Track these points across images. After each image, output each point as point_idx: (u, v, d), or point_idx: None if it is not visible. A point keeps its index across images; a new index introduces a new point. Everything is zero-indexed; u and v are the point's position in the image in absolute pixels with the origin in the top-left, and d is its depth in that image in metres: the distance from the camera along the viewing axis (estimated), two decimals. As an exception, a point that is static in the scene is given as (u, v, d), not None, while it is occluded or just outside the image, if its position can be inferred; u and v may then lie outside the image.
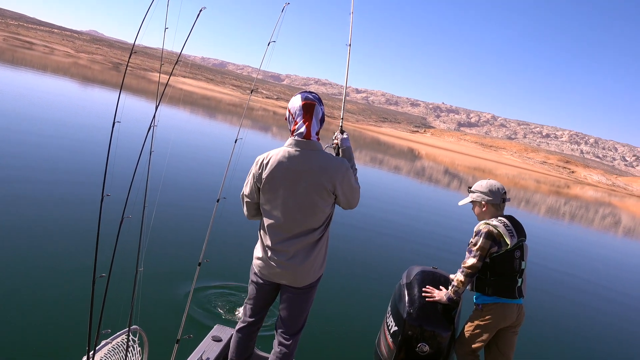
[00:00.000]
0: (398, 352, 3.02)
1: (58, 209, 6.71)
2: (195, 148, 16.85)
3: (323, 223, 2.72)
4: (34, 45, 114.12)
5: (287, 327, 2.87)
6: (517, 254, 3.22)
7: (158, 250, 5.85)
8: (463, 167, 60.18)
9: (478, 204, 3.39)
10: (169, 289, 5.03)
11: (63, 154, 10.40)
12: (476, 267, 3.13)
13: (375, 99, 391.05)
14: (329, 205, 2.71)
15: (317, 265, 2.77)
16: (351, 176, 2.70)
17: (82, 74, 49.74)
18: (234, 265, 6.05)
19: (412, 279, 3.27)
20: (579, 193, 65.21)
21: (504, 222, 3.21)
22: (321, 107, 2.72)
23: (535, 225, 19.95)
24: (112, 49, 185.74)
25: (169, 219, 7.32)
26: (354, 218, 11.30)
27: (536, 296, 8.09)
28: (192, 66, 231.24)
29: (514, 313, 3.23)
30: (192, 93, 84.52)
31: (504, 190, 3.38)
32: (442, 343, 2.99)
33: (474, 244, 3.17)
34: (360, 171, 3.00)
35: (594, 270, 12.98)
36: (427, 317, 3.04)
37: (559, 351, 6.43)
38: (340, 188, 2.66)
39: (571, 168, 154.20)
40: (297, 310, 2.85)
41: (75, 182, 8.32)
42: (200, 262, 2.99)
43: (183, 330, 2.99)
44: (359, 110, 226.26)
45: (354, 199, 2.77)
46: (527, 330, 6.55)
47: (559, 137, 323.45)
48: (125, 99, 2.62)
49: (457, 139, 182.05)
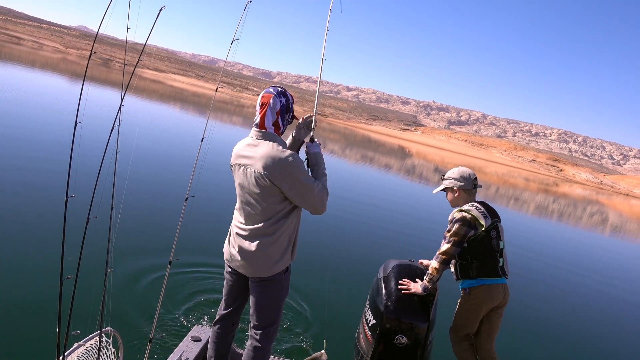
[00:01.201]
0: (376, 344, 3.06)
1: (21, 210, 6.46)
2: (165, 146, 16.46)
3: (271, 218, 2.66)
4: (22, 41, 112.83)
5: (254, 320, 2.85)
6: (493, 234, 3.34)
7: (127, 250, 5.76)
8: (453, 165, 59.99)
9: (451, 190, 3.54)
10: (141, 289, 4.98)
11: (27, 153, 9.93)
12: (450, 253, 3.23)
13: (366, 97, 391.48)
14: (276, 200, 2.63)
15: (270, 261, 2.70)
16: (299, 172, 2.58)
17: (71, 70, 49.21)
18: (207, 263, 6.01)
19: (388, 273, 3.32)
20: (567, 191, 65.78)
21: (476, 206, 3.36)
22: (281, 99, 2.72)
23: (522, 222, 20.09)
24: (101, 45, 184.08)
25: (137, 219, 7.19)
26: (334, 215, 11.30)
27: (524, 285, 8.16)
28: (175, 60, 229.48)
29: (500, 292, 3.37)
30: (183, 90, 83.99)
31: (474, 176, 3.54)
32: (419, 334, 3.03)
33: (448, 230, 3.30)
34: (349, 168, 2.97)
35: (578, 263, 13.10)
36: (404, 309, 3.09)
37: (542, 334, 6.69)
38: (284, 182, 2.57)
39: (560, 166, 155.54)
40: (259, 304, 2.80)
41: (39, 182, 7.95)
42: (170, 260, 2.97)
43: (160, 331, 2.97)
44: (349, 108, 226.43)
45: (311, 199, 2.64)
46: (512, 311, 6.64)
47: (547, 135, 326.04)
48: (102, 95, 2.56)
49: (447, 137, 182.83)
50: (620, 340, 7.55)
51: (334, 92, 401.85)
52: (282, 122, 2.74)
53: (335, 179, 18.93)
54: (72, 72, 48.36)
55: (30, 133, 12.02)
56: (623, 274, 14.00)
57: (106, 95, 28.47)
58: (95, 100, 23.16)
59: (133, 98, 31.07)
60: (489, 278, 3.31)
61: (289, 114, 2.78)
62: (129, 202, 7.77)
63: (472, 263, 3.31)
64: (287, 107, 2.76)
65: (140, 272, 5.33)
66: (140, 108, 27.13)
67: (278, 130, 2.73)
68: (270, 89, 2.77)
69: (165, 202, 8.86)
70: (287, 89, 3.04)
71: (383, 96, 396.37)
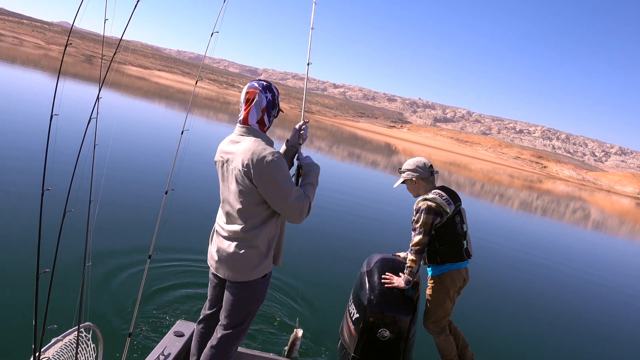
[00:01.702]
0: (360, 338, 3.08)
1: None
2: (145, 139, 16.22)
3: (249, 219, 2.54)
4: (2, 37, 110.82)
5: (222, 319, 2.76)
6: (457, 219, 3.47)
7: (106, 244, 5.68)
8: (439, 162, 60.79)
9: (409, 181, 3.60)
10: (120, 283, 4.90)
11: (2, 145, 9.74)
12: (422, 243, 3.30)
13: (353, 94, 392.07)
14: (254, 200, 2.51)
15: (247, 266, 2.59)
16: (277, 172, 2.43)
17: (53, 67, 48.45)
18: (189, 258, 5.95)
19: (372, 267, 3.35)
20: (551, 188, 66.62)
21: (439, 193, 3.43)
22: (266, 94, 2.60)
23: (504, 218, 20.30)
24: (84, 41, 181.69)
25: (116, 212, 7.06)
26: (319, 207, 11.30)
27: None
28: (160, 57, 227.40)
29: (464, 275, 3.52)
30: (169, 87, 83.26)
31: (429, 163, 3.62)
32: (402, 327, 3.06)
33: (416, 221, 3.37)
34: (336, 164, 2.97)
35: (558, 253, 13.30)
36: (388, 303, 3.11)
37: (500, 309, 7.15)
38: (260, 180, 2.43)
39: (543, 163, 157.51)
40: (230, 305, 2.70)
41: (15, 175, 7.79)
42: (150, 254, 2.93)
43: (142, 326, 2.93)
44: (336, 105, 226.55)
45: (284, 204, 2.48)
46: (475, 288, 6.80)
47: (531, 132, 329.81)
48: (81, 90, 2.51)
49: (433, 134, 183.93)
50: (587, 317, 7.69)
51: (320, 89, 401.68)
52: (267, 118, 2.63)
53: (322, 175, 18.92)
54: (54, 68, 47.62)
55: (6, 125, 11.83)
56: (606, 266, 14.24)
57: (85, 90, 28.10)
58: (73, 94, 22.87)
59: (115, 94, 30.74)
60: (455, 263, 3.45)
61: (275, 109, 2.68)
62: (107, 195, 7.72)
63: (439, 249, 3.41)
64: (274, 103, 2.65)
65: (119, 267, 5.26)
66: (122, 103, 26.84)
67: (263, 127, 2.62)
68: (255, 84, 2.64)
69: (144, 196, 8.74)
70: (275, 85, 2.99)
71: (370, 93, 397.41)
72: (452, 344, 3.60)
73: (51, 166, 1.94)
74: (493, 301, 7.70)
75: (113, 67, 2.31)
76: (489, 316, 6.93)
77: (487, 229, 15.43)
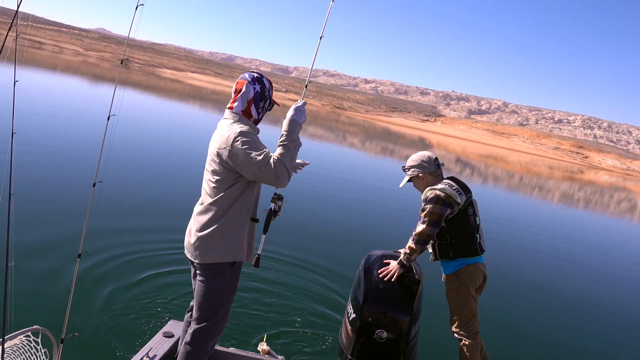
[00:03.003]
0: (357, 339, 2.90)
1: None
2: (66, 128, 14.33)
3: (217, 198, 2.57)
4: (43, 45, 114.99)
5: (194, 312, 2.73)
6: (470, 211, 3.27)
7: (30, 243, 5.27)
8: (475, 155, 59.59)
9: (416, 178, 3.42)
10: (49, 284, 4.56)
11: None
12: (426, 233, 3.09)
13: (385, 89, 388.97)
14: (224, 178, 2.53)
15: (207, 245, 2.57)
16: (244, 141, 2.44)
17: (91, 72, 49.96)
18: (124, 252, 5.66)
19: (370, 264, 3.16)
20: (593, 178, 64.36)
21: (449, 183, 3.24)
22: (255, 86, 2.65)
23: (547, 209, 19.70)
24: (120, 46, 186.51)
25: (38, 209, 6.52)
26: (328, 201, 11.20)
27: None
28: (192, 59, 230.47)
29: (482, 271, 3.31)
30: (202, 88, 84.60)
31: (434, 156, 3.44)
32: (402, 328, 2.86)
33: (422, 210, 3.19)
34: (366, 159, 2.83)
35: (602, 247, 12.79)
36: (385, 302, 2.92)
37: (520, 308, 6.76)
38: (229, 154, 2.46)
39: (585, 153, 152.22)
40: (197, 293, 2.67)
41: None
42: (80, 253, 2.68)
43: (75, 332, 2.64)
44: (368, 101, 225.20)
45: (254, 167, 2.42)
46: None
47: (571, 122, 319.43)
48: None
49: (468, 127, 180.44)
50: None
51: (351, 85, 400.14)
52: (255, 109, 2.66)
53: (347, 170, 18.84)
54: (93, 74, 49.09)
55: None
56: None
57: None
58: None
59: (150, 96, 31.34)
60: (469, 257, 3.25)
61: (264, 101, 2.69)
62: (28, 188, 7.08)
63: (450, 242, 3.23)
64: (262, 95, 2.67)
65: (46, 267, 4.89)
66: (136, 101, 27.27)
67: (249, 117, 2.65)
68: (246, 75, 2.69)
69: (71, 189, 8.01)
70: (305, 83, 2.93)
71: (402, 87, 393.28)
72: (478, 353, 3.29)
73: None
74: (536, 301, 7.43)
75: (24, 44, 2.11)
76: (534, 321, 6.67)
77: (527, 222, 15.00)
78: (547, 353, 5.46)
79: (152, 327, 4.18)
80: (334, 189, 13.27)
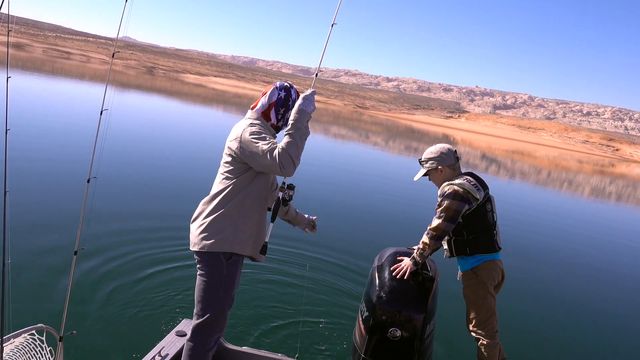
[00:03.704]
0: (370, 338, 2.85)
1: None
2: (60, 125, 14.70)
3: (223, 188, 2.63)
4: (71, 55, 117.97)
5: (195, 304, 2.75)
6: (488, 207, 3.18)
7: (26, 241, 5.32)
8: (501, 150, 58.68)
9: (434, 171, 3.31)
10: (46, 283, 4.56)
11: None
12: (441, 229, 3.01)
13: (407, 87, 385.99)
14: (233, 169, 2.62)
15: (201, 232, 2.62)
16: (251, 132, 2.54)
17: (118, 80, 51.08)
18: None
19: (383, 261, 3.09)
20: (624, 171, 62.61)
21: (467, 179, 3.14)
22: (280, 92, 2.74)
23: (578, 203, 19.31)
24: (145, 54, 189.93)
25: (33, 206, 6.60)
26: (356, 196, 11.21)
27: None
28: (215, 63, 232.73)
29: (500, 268, 3.23)
30: (225, 92, 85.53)
31: (454, 149, 3.34)
32: (416, 326, 2.78)
33: (439, 205, 3.10)
34: (390, 158, 2.85)
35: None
36: (399, 300, 2.84)
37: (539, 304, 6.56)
38: (239, 146, 2.56)
39: (615, 146, 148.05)
40: (197, 288, 2.69)
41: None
42: (76, 250, 2.67)
43: (72, 330, 2.63)
44: (390, 99, 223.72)
45: (259, 157, 2.47)
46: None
47: (600, 114, 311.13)
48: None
49: (493, 123, 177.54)
50: None
51: (373, 84, 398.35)
52: (275, 115, 2.73)
53: (366, 169, 18.83)
54: (119, 81, 50.16)
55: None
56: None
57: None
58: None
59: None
60: (487, 254, 3.16)
61: (285, 109, 2.74)
62: (22, 185, 7.15)
63: (468, 239, 3.14)
64: (285, 102, 2.73)
65: (42, 264, 4.93)
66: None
67: (267, 120, 2.73)
68: (277, 82, 2.81)
69: (64, 185, 8.17)
70: (327, 84, 2.94)
71: (424, 85, 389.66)
72: (497, 353, 3.16)
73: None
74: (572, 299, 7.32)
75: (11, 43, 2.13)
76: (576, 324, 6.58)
77: (553, 218, 14.75)
78: (568, 356, 5.31)
79: (162, 324, 4.19)
80: (353, 187, 13.31)
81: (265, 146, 2.44)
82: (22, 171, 8.20)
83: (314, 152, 18.88)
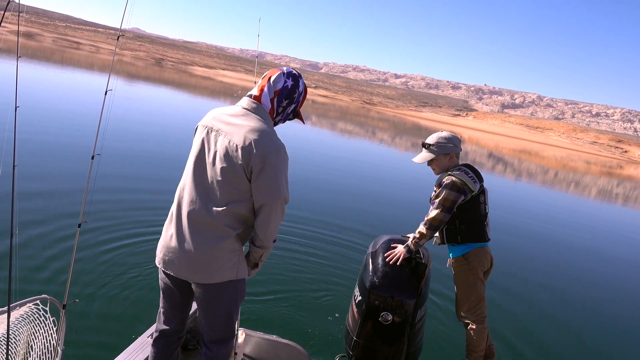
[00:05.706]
0: (362, 322, 2.94)
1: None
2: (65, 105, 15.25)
3: (232, 204, 2.10)
4: (81, 45, 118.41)
5: (206, 333, 2.31)
6: (481, 199, 3.27)
7: (33, 213, 5.51)
8: (508, 149, 58.40)
9: (443, 156, 3.35)
10: (51, 253, 4.69)
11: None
12: (439, 219, 3.11)
13: (415, 84, 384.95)
14: (241, 183, 2.09)
15: (222, 261, 2.13)
16: (281, 166, 2.10)
17: (126, 71, 51.25)
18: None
19: (377, 248, 3.18)
20: (632, 173, 62.19)
21: (465, 170, 3.23)
22: (287, 80, 2.20)
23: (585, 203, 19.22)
24: (154, 45, 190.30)
25: (39, 180, 6.86)
26: (346, 184, 11.22)
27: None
28: (223, 56, 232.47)
29: (489, 255, 3.32)
30: (233, 85, 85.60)
31: (459, 138, 3.45)
32: (407, 311, 2.87)
33: (436, 195, 3.19)
34: (392, 153, 2.84)
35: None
36: (391, 285, 2.93)
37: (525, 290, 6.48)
38: (258, 170, 2.05)
39: (624, 147, 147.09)
40: (212, 313, 2.26)
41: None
42: (80, 223, 2.73)
43: (75, 299, 2.65)
44: (398, 96, 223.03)
45: (271, 199, 2.10)
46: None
47: (610, 115, 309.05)
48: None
49: (501, 121, 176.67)
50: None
51: (381, 80, 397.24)
52: (276, 105, 2.21)
53: (372, 163, 18.81)
54: (127, 72, 50.33)
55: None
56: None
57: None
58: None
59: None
60: (478, 242, 3.25)
61: (289, 102, 2.24)
62: (29, 160, 7.50)
63: (460, 228, 3.22)
64: (289, 94, 2.22)
65: (48, 236, 5.08)
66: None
67: (272, 112, 2.22)
68: (283, 68, 2.29)
69: (69, 162, 8.35)
70: (334, 79, 2.86)
71: (432, 82, 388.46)
72: (485, 337, 3.28)
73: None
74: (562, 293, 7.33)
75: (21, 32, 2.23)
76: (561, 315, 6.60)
77: (556, 217, 14.71)
78: (558, 343, 5.25)
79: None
80: (350, 177, 13.34)
81: (285, 190, 2.16)
82: (31, 147, 8.48)
83: (319, 145, 18.79)
